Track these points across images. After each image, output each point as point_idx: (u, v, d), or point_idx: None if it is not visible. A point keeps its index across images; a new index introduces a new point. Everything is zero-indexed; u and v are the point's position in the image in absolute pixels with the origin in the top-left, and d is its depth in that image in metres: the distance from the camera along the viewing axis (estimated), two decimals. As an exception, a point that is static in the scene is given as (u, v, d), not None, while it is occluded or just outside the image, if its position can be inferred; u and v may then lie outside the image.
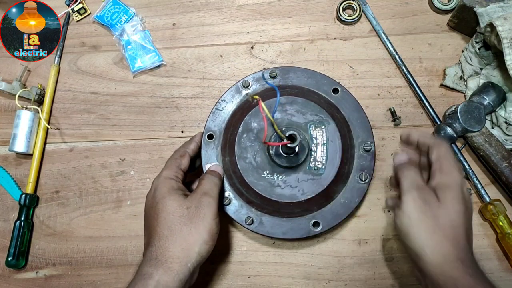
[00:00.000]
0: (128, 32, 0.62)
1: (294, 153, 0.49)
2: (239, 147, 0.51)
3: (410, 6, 0.63)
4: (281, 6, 0.64)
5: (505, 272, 0.55)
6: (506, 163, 0.54)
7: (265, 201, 0.50)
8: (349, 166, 0.51)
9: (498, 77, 0.57)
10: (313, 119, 0.50)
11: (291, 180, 0.50)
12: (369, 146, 0.52)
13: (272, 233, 0.51)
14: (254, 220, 0.51)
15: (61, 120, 0.62)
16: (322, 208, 0.51)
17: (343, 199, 0.51)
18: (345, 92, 0.54)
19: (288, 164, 0.49)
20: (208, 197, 0.45)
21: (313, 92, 0.54)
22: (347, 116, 0.53)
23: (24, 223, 0.58)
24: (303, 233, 0.51)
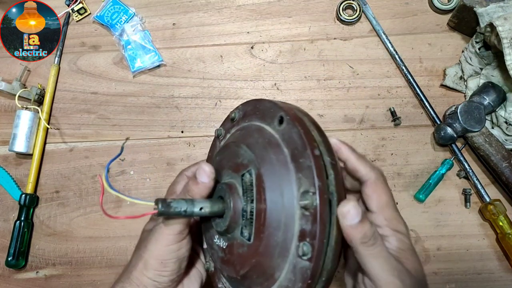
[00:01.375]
0: (128, 32, 0.62)
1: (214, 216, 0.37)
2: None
3: (410, 6, 0.63)
4: (281, 6, 0.64)
5: (505, 272, 0.55)
6: (506, 163, 0.54)
7: (221, 269, 0.39)
8: (285, 232, 0.31)
9: (498, 77, 0.57)
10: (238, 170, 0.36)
11: (228, 248, 0.37)
12: (308, 199, 0.30)
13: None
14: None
15: (61, 120, 0.62)
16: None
17: (286, 281, 0.32)
18: (290, 123, 0.33)
19: (219, 228, 0.37)
20: (164, 225, 0.36)
21: (257, 129, 0.38)
22: (287, 157, 0.33)
23: (24, 223, 0.58)
24: None
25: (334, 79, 0.61)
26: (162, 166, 0.60)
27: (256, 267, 0.33)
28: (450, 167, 0.57)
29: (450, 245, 0.56)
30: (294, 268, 0.31)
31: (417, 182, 0.58)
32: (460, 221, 0.57)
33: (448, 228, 0.57)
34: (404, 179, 0.58)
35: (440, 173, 0.57)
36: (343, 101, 0.61)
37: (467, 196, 0.57)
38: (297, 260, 0.31)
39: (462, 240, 0.57)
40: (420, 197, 0.56)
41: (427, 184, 0.57)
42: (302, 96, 0.61)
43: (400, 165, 0.59)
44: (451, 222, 0.57)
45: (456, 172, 0.58)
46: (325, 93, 0.61)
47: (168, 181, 0.60)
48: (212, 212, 0.35)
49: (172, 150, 0.61)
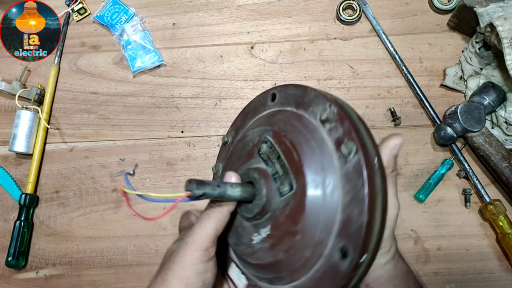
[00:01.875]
0: (128, 32, 0.62)
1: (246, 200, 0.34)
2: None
3: (410, 6, 0.63)
4: (281, 6, 0.64)
5: (505, 272, 0.55)
6: (506, 163, 0.54)
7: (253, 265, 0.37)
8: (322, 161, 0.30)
9: (498, 77, 0.57)
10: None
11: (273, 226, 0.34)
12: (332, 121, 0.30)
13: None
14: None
15: (61, 120, 0.62)
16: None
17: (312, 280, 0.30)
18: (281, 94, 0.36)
19: (256, 210, 0.34)
20: (190, 240, 0.33)
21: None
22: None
23: (24, 223, 0.58)
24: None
25: (334, 79, 0.61)
26: (162, 166, 0.60)
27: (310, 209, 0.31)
28: (450, 167, 0.57)
29: (450, 245, 0.56)
30: (325, 271, 0.30)
31: (417, 182, 0.58)
32: (460, 221, 0.57)
33: (448, 228, 0.57)
34: (404, 179, 0.58)
35: (440, 173, 0.57)
36: (343, 101, 0.61)
37: (467, 196, 0.57)
38: (331, 261, 0.30)
39: (462, 240, 0.56)
40: (420, 197, 0.56)
41: (427, 184, 0.57)
42: (302, 96, 0.61)
43: (400, 165, 0.59)
44: (451, 222, 0.57)
45: (456, 172, 0.58)
46: (325, 93, 0.61)
47: (168, 181, 0.60)
48: (243, 194, 0.33)
49: (172, 150, 0.61)
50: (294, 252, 0.31)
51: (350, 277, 0.29)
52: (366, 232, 0.28)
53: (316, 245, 0.30)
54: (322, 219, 0.30)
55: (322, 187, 0.31)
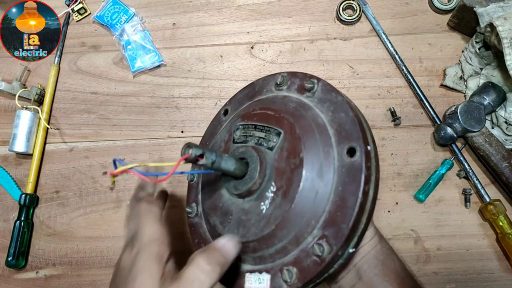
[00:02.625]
0: (128, 32, 0.62)
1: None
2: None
3: (410, 6, 0.63)
4: (281, 6, 0.64)
5: (505, 272, 0.55)
6: (506, 163, 0.54)
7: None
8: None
9: (498, 77, 0.57)
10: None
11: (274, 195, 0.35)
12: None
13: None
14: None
15: (61, 120, 0.62)
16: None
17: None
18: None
19: (244, 187, 0.35)
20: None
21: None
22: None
23: (24, 223, 0.58)
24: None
25: (334, 79, 0.61)
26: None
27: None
28: (450, 167, 0.57)
29: (450, 245, 0.56)
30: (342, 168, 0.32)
31: (417, 182, 0.58)
32: (460, 221, 0.57)
33: (448, 228, 0.57)
34: (404, 179, 0.58)
35: (440, 173, 0.57)
36: (343, 101, 0.61)
37: (467, 196, 0.57)
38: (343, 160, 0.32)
39: (462, 240, 0.56)
40: (420, 197, 0.56)
41: (427, 184, 0.57)
42: (302, 96, 0.61)
43: (400, 165, 0.59)
44: (451, 222, 0.57)
45: (456, 172, 0.58)
46: (325, 93, 0.61)
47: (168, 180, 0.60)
48: (237, 166, 0.34)
49: (172, 150, 0.61)
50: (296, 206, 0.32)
51: (330, 264, 0.31)
52: (351, 230, 0.30)
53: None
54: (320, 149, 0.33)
55: (308, 122, 0.34)
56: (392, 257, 0.40)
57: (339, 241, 0.30)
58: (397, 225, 0.57)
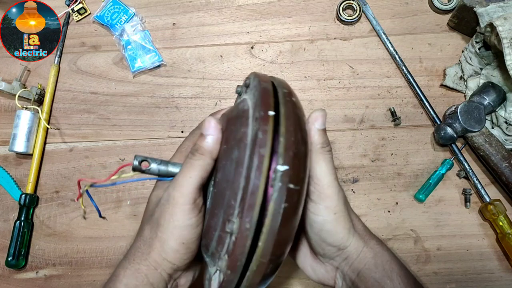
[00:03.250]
0: (128, 32, 0.62)
1: None
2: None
3: (410, 6, 0.63)
4: (281, 6, 0.64)
5: (505, 272, 0.55)
6: (506, 163, 0.54)
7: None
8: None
9: (498, 77, 0.57)
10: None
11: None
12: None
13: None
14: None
15: (61, 120, 0.62)
16: None
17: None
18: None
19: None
20: (178, 194, 0.33)
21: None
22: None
23: (24, 223, 0.58)
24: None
25: (334, 79, 0.61)
26: (162, 166, 0.60)
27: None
28: (450, 167, 0.57)
29: (450, 245, 0.56)
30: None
31: (417, 182, 0.58)
32: (460, 221, 0.57)
33: (448, 228, 0.57)
34: (404, 179, 0.58)
35: (440, 173, 0.57)
36: (343, 101, 0.61)
37: (467, 196, 0.57)
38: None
39: (462, 240, 0.57)
40: (420, 197, 0.56)
41: (427, 184, 0.57)
42: (302, 96, 0.61)
43: (400, 165, 0.59)
44: (451, 222, 0.57)
45: (456, 172, 0.58)
46: (325, 93, 0.61)
47: (168, 181, 0.60)
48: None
49: (172, 150, 0.61)
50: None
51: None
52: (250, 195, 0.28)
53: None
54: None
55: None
56: (392, 261, 0.38)
57: (243, 213, 0.27)
58: (397, 225, 0.57)
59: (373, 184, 0.58)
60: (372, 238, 0.39)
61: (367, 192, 0.58)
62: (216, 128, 0.34)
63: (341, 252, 0.37)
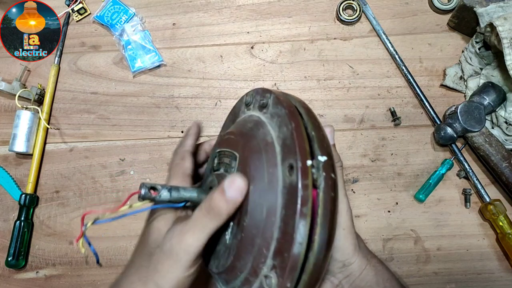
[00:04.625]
0: (128, 32, 0.62)
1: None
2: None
3: (410, 6, 0.63)
4: (281, 6, 0.64)
5: (505, 272, 0.55)
6: (506, 163, 0.54)
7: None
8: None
9: (498, 77, 0.57)
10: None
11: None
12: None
13: None
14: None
15: (61, 120, 0.62)
16: None
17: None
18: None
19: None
20: (182, 252, 0.30)
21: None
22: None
23: (24, 223, 0.58)
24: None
25: (334, 79, 0.61)
26: (162, 166, 0.60)
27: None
28: (450, 167, 0.57)
29: (450, 245, 0.56)
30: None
31: (417, 182, 0.58)
32: (460, 221, 0.57)
33: (448, 228, 0.57)
34: (404, 179, 0.58)
35: (440, 173, 0.57)
36: (343, 101, 0.61)
37: (467, 196, 0.57)
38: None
39: (462, 240, 0.57)
40: (420, 197, 0.56)
41: (427, 184, 0.57)
42: (302, 96, 0.61)
43: (400, 165, 0.59)
44: (451, 222, 0.57)
45: (456, 172, 0.58)
46: (325, 93, 0.61)
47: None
48: (196, 201, 0.33)
49: (172, 150, 0.60)
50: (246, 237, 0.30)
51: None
52: (292, 266, 0.27)
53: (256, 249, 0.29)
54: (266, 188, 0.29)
55: (260, 152, 0.30)
56: (392, 279, 0.39)
57: (283, 271, 0.27)
58: (397, 225, 0.57)
59: (373, 184, 0.58)
60: (373, 256, 0.40)
61: (367, 192, 0.58)
62: (243, 193, 0.30)
63: (345, 268, 0.37)
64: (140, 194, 0.30)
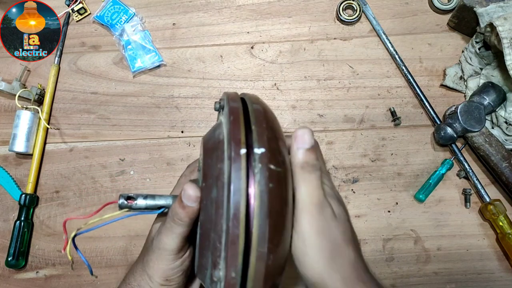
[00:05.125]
0: (128, 32, 0.62)
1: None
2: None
3: (410, 6, 0.63)
4: (281, 6, 0.64)
5: (505, 272, 0.55)
6: (506, 163, 0.54)
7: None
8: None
9: (498, 77, 0.57)
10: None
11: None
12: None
13: None
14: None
15: (61, 120, 0.62)
16: None
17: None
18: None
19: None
20: (162, 246, 0.35)
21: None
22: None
23: (24, 223, 0.58)
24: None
25: (334, 79, 0.61)
26: (162, 166, 0.60)
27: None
28: (450, 167, 0.57)
29: (450, 245, 0.56)
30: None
31: (417, 182, 0.58)
32: (460, 221, 0.57)
33: (448, 228, 0.57)
34: (404, 179, 0.58)
35: (440, 173, 0.57)
36: (343, 101, 0.61)
37: (467, 196, 0.57)
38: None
39: (462, 240, 0.57)
40: (420, 197, 0.57)
41: (427, 184, 0.57)
42: (302, 96, 0.61)
43: (400, 165, 0.59)
44: (451, 222, 0.57)
45: (456, 172, 0.58)
46: (325, 93, 0.61)
47: (168, 181, 0.60)
48: (172, 203, 0.35)
49: (172, 150, 0.61)
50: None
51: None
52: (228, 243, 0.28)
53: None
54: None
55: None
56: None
57: (227, 261, 0.28)
58: (397, 225, 0.57)
59: (373, 184, 0.58)
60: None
61: (367, 192, 0.58)
62: (196, 200, 0.32)
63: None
64: (118, 204, 0.34)
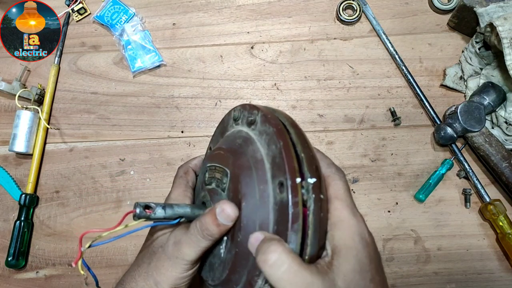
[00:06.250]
0: (128, 32, 0.62)
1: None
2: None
3: (410, 6, 0.63)
4: (281, 6, 0.64)
5: (505, 272, 0.55)
6: (506, 163, 0.54)
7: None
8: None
9: (498, 77, 0.57)
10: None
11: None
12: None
13: None
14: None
15: (61, 120, 0.62)
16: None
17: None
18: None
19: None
20: (181, 257, 0.33)
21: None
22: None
23: (24, 223, 0.58)
24: None
25: (334, 79, 0.61)
26: (162, 166, 0.60)
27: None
28: (450, 167, 0.57)
29: (450, 245, 0.57)
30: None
31: (417, 182, 0.58)
32: (460, 221, 0.57)
33: (448, 228, 0.57)
34: (405, 179, 0.58)
35: (440, 173, 0.57)
36: (343, 101, 0.61)
37: (467, 196, 0.57)
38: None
39: (462, 240, 0.57)
40: (420, 197, 0.57)
41: (427, 184, 0.57)
42: (302, 96, 0.61)
43: (400, 165, 0.59)
44: (451, 222, 0.57)
45: (456, 172, 0.58)
46: (325, 93, 0.61)
47: (168, 181, 0.60)
48: (192, 218, 0.34)
49: (172, 150, 0.61)
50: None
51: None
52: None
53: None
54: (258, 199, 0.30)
55: (251, 169, 0.31)
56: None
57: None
58: (397, 225, 0.57)
59: (373, 184, 0.58)
60: None
61: (367, 192, 0.58)
62: (233, 220, 0.31)
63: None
64: (135, 213, 0.31)
